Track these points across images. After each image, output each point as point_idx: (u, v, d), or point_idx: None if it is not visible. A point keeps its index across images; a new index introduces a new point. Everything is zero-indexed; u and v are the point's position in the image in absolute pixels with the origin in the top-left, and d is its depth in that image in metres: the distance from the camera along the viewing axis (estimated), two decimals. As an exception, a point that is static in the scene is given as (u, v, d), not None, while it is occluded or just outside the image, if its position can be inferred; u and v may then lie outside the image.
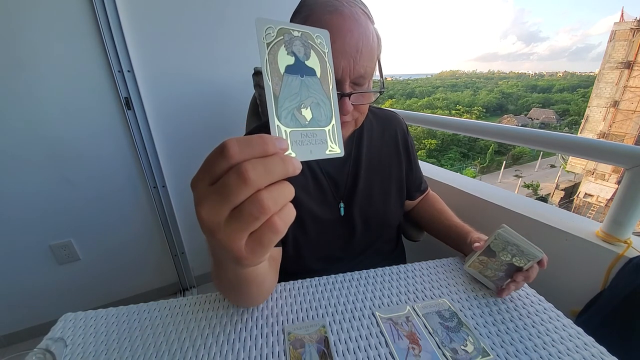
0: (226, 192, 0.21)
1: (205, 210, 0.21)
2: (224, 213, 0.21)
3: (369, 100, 0.55)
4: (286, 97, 0.25)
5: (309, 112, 0.26)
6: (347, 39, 0.47)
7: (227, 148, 0.20)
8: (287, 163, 0.22)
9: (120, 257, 1.40)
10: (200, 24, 1.22)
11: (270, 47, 0.24)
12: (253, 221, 0.21)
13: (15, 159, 1.09)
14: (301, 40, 0.26)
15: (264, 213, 0.21)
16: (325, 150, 0.26)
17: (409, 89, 67.39)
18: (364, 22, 0.49)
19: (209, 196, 0.21)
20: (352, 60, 0.48)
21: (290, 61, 0.25)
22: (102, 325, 0.50)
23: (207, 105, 1.34)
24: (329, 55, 0.28)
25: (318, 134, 0.26)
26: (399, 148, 0.73)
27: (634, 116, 16.18)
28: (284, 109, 0.24)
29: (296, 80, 0.25)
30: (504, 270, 0.53)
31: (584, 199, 17.28)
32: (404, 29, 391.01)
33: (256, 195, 0.21)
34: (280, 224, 0.22)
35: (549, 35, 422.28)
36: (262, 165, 0.21)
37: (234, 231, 0.22)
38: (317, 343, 0.45)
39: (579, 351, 0.43)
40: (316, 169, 0.64)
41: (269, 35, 0.24)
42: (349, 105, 0.50)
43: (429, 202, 0.81)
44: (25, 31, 0.99)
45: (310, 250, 0.65)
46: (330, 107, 0.27)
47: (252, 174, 0.20)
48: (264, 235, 0.22)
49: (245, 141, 0.21)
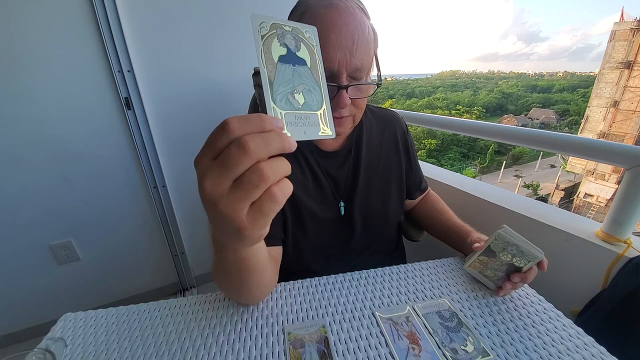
0: (228, 163, 0.22)
1: (209, 182, 0.23)
2: (226, 183, 0.23)
3: (366, 94, 0.55)
4: (280, 83, 0.26)
5: (301, 96, 0.28)
6: (342, 32, 0.47)
7: (228, 124, 0.22)
8: (284, 139, 0.24)
9: (120, 257, 1.40)
10: (200, 24, 1.22)
11: (264, 38, 0.26)
12: (253, 189, 0.23)
13: (16, 159, 1.09)
14: (292, 34, 0.28)
15: (264, 182, 0.22)
16: (318, 132, 0.28)
17: (409, 89, 67.39)
18: (359, 15, 0.49)
19: (211, 169, 0.23)
20: (348, 52, 0.48)
21: (283, 52, 0.27)
22: (102, 325, 0.50)
23: (207, 105, 1.34)
24: (318, 49, 0.30)
25: (311, 117, 0.28)
26: (398, 147, 0.73)
27: (634, 116, 16.18)
28: (279, 93, 0.26)
29: (289, 69, 0.27)
30: (504, 270, 0.53)
31: (584, 199, 17.28)
32: (404, 29, 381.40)
33: (256, 165, 0.22)
34: (279, 194, 0.23)
35: (549, 35, 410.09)
36: (261, 138, 0.22)
37: (236, 200, 0.23)
38: (317, 343, 0.45)
39: (579, 351, 0.43)
40: (316, 168, 0.64)
41: (263, 28, 0.26)
42: (347, 98, 0.50)
43: (430, 201, 0.81)
44: (25, 31, 0.99)
45: (310, 250, 0.65)
46: (321, 94, 0.29)
47: (252, 144, 0.22)
48: (264, 204, 0.24)
49: (244, 118, 0.23)
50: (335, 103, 0.50)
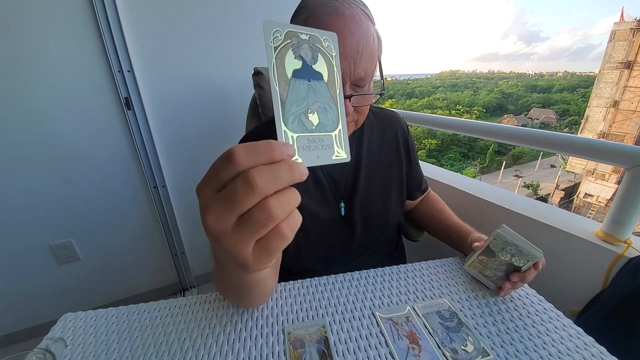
0: (233, 199, 0.20)
1: (212, 217, 0.21)
2: (230, 220, 0.21)
3: (369, 102, 0.55)
4: (293, 102, 0.24)
5: (315, 117, 0.25)
6: (347, 41, 0.46)
7: (234, 154, 0.20)
8: (294, 170, 0.21)
9: (121, 257, 1.40)
10: (201, 24, 1.22)
11: (277, 50, 0.23)
12: (260, 228, 0.21)
13: (15, 159, 1.09)
14: (309, 44, 0.25)
15: (272, 220, 0.21)
16: (332, 155, 0.26)
17: (409, 89, 67.39)
18: (364, 23, 0.49)
19: (215, 203, 0.21)
20: (352, 62, 0.47)
21: (298, 65, 0.25)
22: (102, 325, 0.50)
23: (207, 105, 1.34)
24: (337, 59, 0.27)
25: (325, 139, 0.26)
26: (399, 148, 0.73)
27: (634, 116, 16.18)
28: (291, 114, 0.24)
29: (303, 85, 0.25)
30: (503, 270, 0.53)
31: (584, 199, 17.28)
32: (404, 29, 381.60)
33: (263, 203, 0.21)
34: (287, 231, 0.22)
35: (549, 35, 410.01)
36: (269, 172, 0.20)
37: (240, 238, 0.21)
38: (317, 343, 0.45)
39: (579, 351, 0.43)
40: (316, 168, 0.64)
41: (277, 38, 0.23)
42: (349, 107, 0.51)
43: (430, 202, 0.81)
44: (25, 31, 0.99)
45: (310, 250, 0.65)
46: (337, 112, 0.27)
47: (259, 180, 0.20)
48: (271, 242, 0.22)
49: (252, 147, 0.21)
50: None
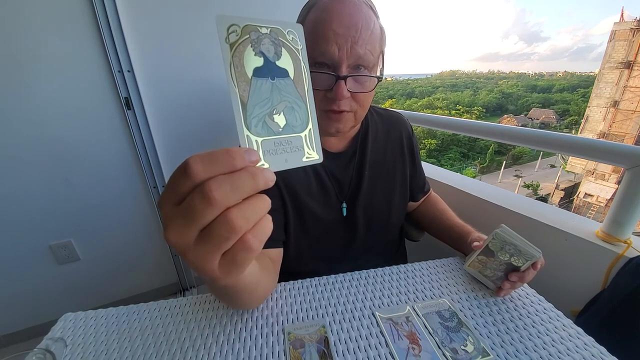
0: (191, 213, 0.19)
1: (172, 232, 0.20)
2: (192, 235, 0.20)
3: (367, 89, 0.53)
4: (255, 104, 0.22)
5: (282, 117, 0.23)
6: (344, 20, 0.47)
7: (190, 166, 0.19)
8: (258, 177, 0.20)
9: (120, 257, 1.40)
10: (201, 24, 1.22)
11: (234, 48, 0.22)
12: (223, 242, 0.20)
13: (15, 159, 1.09)
14: (270, 38, 0.23)
15: (235, 233, 0.20)
16: (302, 157, 0.24)
17: (409, 89, 67.37)
18: (364, 9, 0.49)
19: (174, 218, 0.20)
20: (350, 40, 0.47)
21: (259, 63, 0.23)
22: (102, 325, 0.50)
23: (207, 105, 1.34)
24: (303, 53, 0.25)
25: (293, 140, 0.24)
26: (403, 149, 0.72)
27: (634, 116, 16.17)
28: (254, 116, 0.22)
29: (266, 84, 0.23)
30: (502, 269, 0.53)
31: (584, 199, 17.28)
32: (404, 29, 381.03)
33: (225, 215, 0.19)
34: (254, 242, 0.20)
35: (550, 35, 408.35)
36: (229, 182, 0.19)
37: (204, 252, 0.20)
38: (317, 343, 0.45)
39: (579, 351, 0.43)
40: (320, 169, 0.63)
41: (233, 34, 0.22)
42: (345, 89, 0.48)
43: (431, 202, 0.81)
44: (25, 31, 0.99)
45: (311, 251, 0.65)
46: (307, 110, 0.25)
47: (217, 193, 0.19)
48: (237, 254, 0.21)
49: (209, 157, 0.19)
50: (332, 95, 0.49)
